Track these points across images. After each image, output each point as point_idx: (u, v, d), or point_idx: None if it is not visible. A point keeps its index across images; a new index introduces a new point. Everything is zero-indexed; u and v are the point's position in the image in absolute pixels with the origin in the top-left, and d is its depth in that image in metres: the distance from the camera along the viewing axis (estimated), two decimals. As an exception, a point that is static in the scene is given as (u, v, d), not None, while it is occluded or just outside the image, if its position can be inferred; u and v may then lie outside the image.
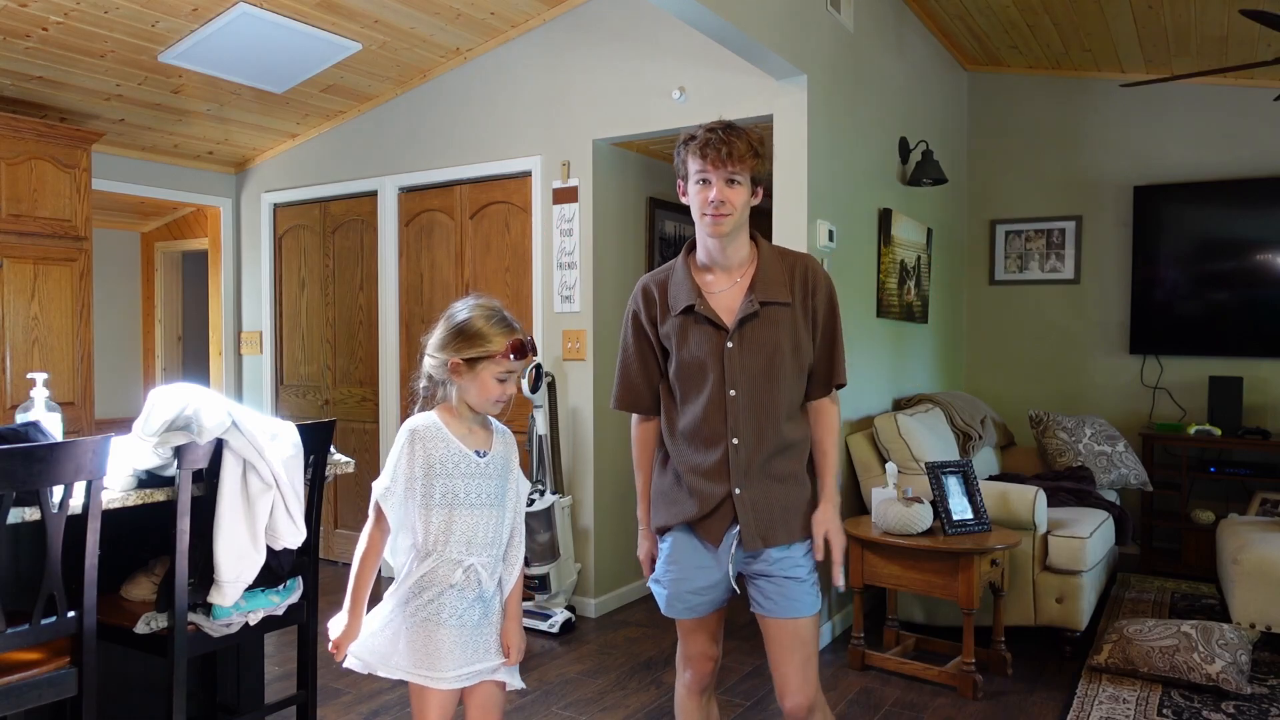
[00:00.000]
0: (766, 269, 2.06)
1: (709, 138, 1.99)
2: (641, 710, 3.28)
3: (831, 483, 2.11)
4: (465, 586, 1.98)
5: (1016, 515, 3.76)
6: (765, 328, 2.02)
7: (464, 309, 2.01)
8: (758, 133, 2.04)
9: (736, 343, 2.02)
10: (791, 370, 2.04)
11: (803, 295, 2.06)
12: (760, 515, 2.03)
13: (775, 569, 2.04)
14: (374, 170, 5.14)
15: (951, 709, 3.27)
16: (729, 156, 1.96)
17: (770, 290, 2.03)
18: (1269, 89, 4.95)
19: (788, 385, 2.04)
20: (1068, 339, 5.65)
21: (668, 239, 4.90)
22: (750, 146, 1.99)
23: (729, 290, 2.06)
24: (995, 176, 5.85)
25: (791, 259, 2.10)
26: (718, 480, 2.04)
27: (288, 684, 3.38)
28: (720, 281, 2.07)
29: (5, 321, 4.27)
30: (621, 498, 4.58)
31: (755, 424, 2.02)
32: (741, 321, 2.02)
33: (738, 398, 2.01)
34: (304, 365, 5.58)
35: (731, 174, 1.98)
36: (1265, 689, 3.36)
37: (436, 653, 1.96)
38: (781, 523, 2.04)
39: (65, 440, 1.97)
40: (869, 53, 4.37)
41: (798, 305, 2.05)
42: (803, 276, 2.07)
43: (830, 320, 2.09)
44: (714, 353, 2.03)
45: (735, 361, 2.01)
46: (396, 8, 4.09)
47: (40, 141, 4.35)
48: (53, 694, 1.97)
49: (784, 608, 2.04)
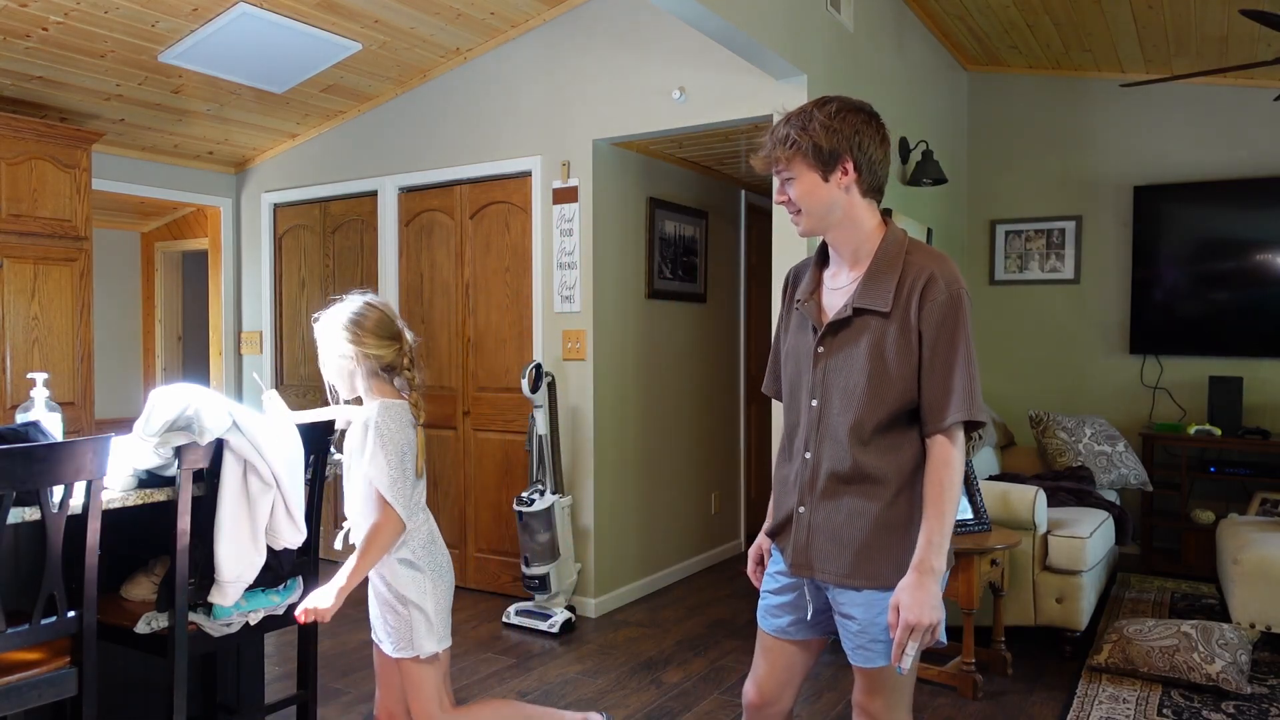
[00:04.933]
0: (878, 268, 1.79)
1: (763, 143, 1.82)
2: (641, 710, 3.28)
3: (927, 546, 1.71)
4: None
5: (1016, 515, 3.76)
6: (854, 337, 1.78)
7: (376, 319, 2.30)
8: (804, 110, 1.78)
9: (825, 348, 1.81)
10: (870, 390, 1.75)
11: (905, 305, 1.74)
12: (815, 541, 1.82)
13: (844, 608, 1.82)
14: (374, 170, 5.14)
15: (951, 709, 3.27)
16: (768, 159, 1.80)
17: (870, 295, 1.77)
18: (1269, 89, 4.95)
19: (869, 406, 1.75)
20: (1068, 339, 5.65)
21: (668, 239, 4.90)
22: (786, 138, 1.76)
23: (842, 289, 1.83)
24: (995, 176, 5.85)
25: (915, 260, 1.78)
26: (791, 495, 1.88)
27: (288, 684, 3.38)
28: (839, 278, 1.85)
29: (5, 321, 4.27)
30: (621, 497, 4.58)
31: (828, 442, 1.80)
32: (833, 327, 1.80)
33: (818, 409, 1.82)
34: (304, 365, 5.58)
35: (780, 172, 1.80)
36: (1265, 689, 3.36)
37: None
38: (835, 557, 1.80)
39: (65, 440, 1.97)
40: (869, 53, 4.37)
41: (897, 317, 1.74)
42: (913, 284, 1.74)
43: (942, 342, 1.73)
44: (807, 356, 1.85)
45: (821, 369, 1.81)
46: (396, 8, 4.09)
47: (40, 141, 4.35)
48: (53, 694, 1.97)
49: (854, 653, 1.82)
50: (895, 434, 1.78)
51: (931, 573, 1.70)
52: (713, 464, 5.43)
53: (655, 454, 4.85)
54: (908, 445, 1.78)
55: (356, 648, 3.89)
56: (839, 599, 1.82)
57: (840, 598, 1.82)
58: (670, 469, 4.98)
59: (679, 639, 4.05)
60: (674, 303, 5.00)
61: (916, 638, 1.68)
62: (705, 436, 5.33)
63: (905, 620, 1.68)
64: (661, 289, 4.86)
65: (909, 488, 1.78)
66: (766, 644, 1.96)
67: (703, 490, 5.32)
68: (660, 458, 4.89)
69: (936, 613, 1.69)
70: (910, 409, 1.77)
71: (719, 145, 4.62)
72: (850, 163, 1.76)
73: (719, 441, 5.50)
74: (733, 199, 5.64)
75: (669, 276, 4.94)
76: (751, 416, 5.86)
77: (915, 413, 1.78)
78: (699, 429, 5.26)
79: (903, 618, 1.68)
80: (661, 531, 4.91)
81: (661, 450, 4.90)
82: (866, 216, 1.82)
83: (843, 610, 1.82)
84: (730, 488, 5.65)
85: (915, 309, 1.73)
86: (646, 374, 4.76)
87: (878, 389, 1.75)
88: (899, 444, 1.78)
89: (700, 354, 5.28)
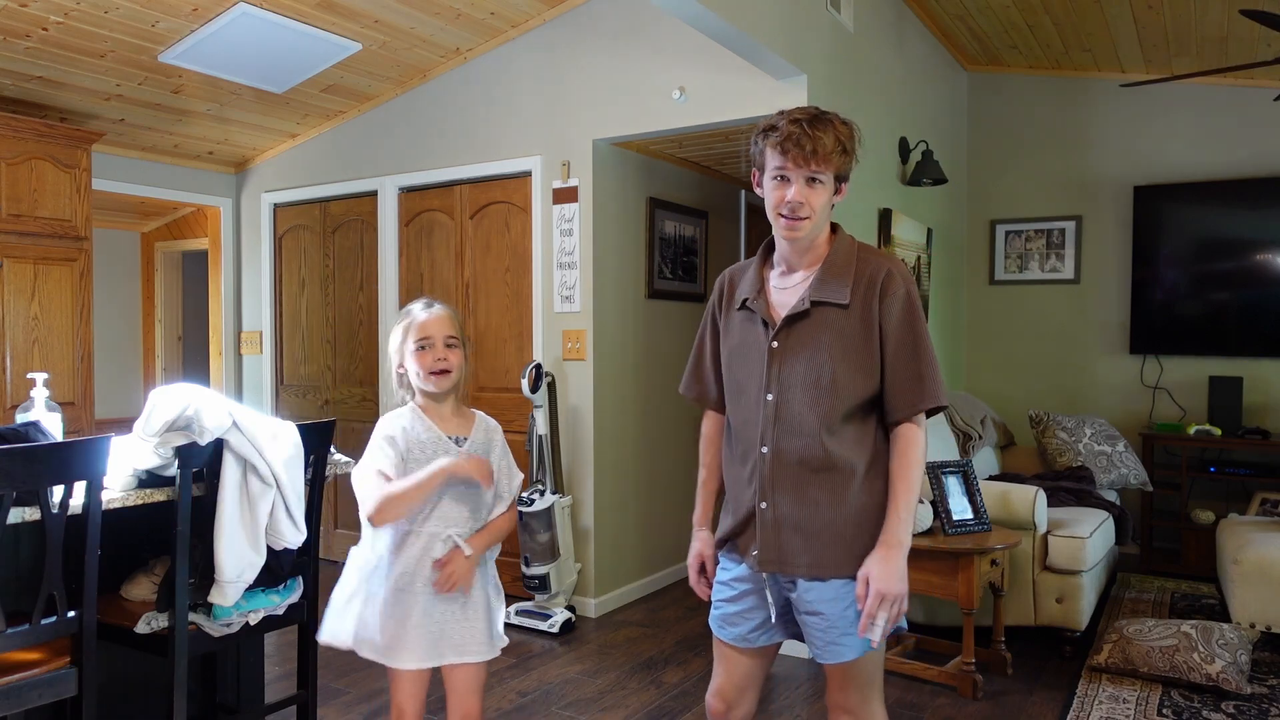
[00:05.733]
0: (832, 265, 1.84)
1: (791, 131, 1.75)
2: (641, 710, 3.28)
3: (896, 522, 1.78)
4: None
5: (1016, 515, 3.76)
6: (813, 330, 1.81)
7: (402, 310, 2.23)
8: (849, 124, 1.82)
9: (781, 343, 1.83)
10: (839, 380, 1.78)
11: (865, 299, 1.80)
12: (782, 534, 1.83)
13: (812, 605, 1.82)
14: (374, 170, 5.14)
15: (951, 709, 3.27)
16: (813, 155, 1.75)
17: (827, 289, 1.81)
18: (1269, 89, 4.95)
19: (834, 396, 1.78)
20: (1068, 339, 5.65)
21: (668, 239, 4.90)
22: (839, 142, 1.77)
23: (793, 288, 1.87)
24: (995, 176, 5.85)
25: (869, 259, 1.85)
26: (749, 493, 1.87)
27: (288, 684, 3.38)
28: (788, 278, 1.89)
29: (5, 321, 4.27)
30: (621, 497, 4.58)
31: (789, 434, 1.81)
32: (789, 320, 1.83)
33: (774, 403, 1.82)
34: (304, 365, 5.58)
35: (814, 173, 1.77)
36: (1265, 689, 3.36)
37: (402, 632, 2.08)
38: (805, 550, 1.81)
39: (65, 440, 1.97)
40: (869, 53, 4.37)
41: (856, 309, 1.80)
42: (870, 279, 1.81)
43: (904, 332, 1.80)
44: (759, 352, 1.86)
45: (777, 363, 1.83)
46: (396, 8, 4.09)
47: (40, 141, 4.35)
48: (53, 694, 1.97)
49: (824, 651, 1.82)
50: (857, 423, 1.83)
51: (900, 546, 1.78)
52: (713, 464, 5.41)
53: (655, 454, 4.85)
54: (867, 434, 1.83)
55: (356, 648, 3.88)
56: (805, 597, 1.83)
57: (808, 595, 1.83)
58: (670, 469, 4.98)
59: (679, 639, 4.05)
60: (674, 303, 5.00)
61: (885, 608, 1.74)
62: (705, 436, 5.32)
63: (875, 590, 1.74)
64: (661, 289, 4.86)
65: (869, 476, 1.83)
66: (724, 652, 1.97)
67: (703, 490, 5.31)
68: (660, 458, 4.89)
69: (904, 584, 1.77)
70: (870, 399, 1.82)
71: (719, 145, 4.62)
72: (845, 184, 1.86)
73: (719, 441, 5.49)
74: (733, 199, 5.64)
75: (669, 276, 4.94)
76: (751, 416, 5.84)
77: (873, 403, 1.83)
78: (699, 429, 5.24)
79: (873, 588, 1.75)
80: (661, 531, 4.91)
81: (661, 450, 4.90)
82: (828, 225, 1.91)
83: (810, 608, 1.83)
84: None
85: (876, 303, 1.80)
86: (646, 374, 4.76)
87: (846, 378, 1.79)
88: (860, 433, 1.83)
89: (700, 354, 5.27)
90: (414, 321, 2.14)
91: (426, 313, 2.15)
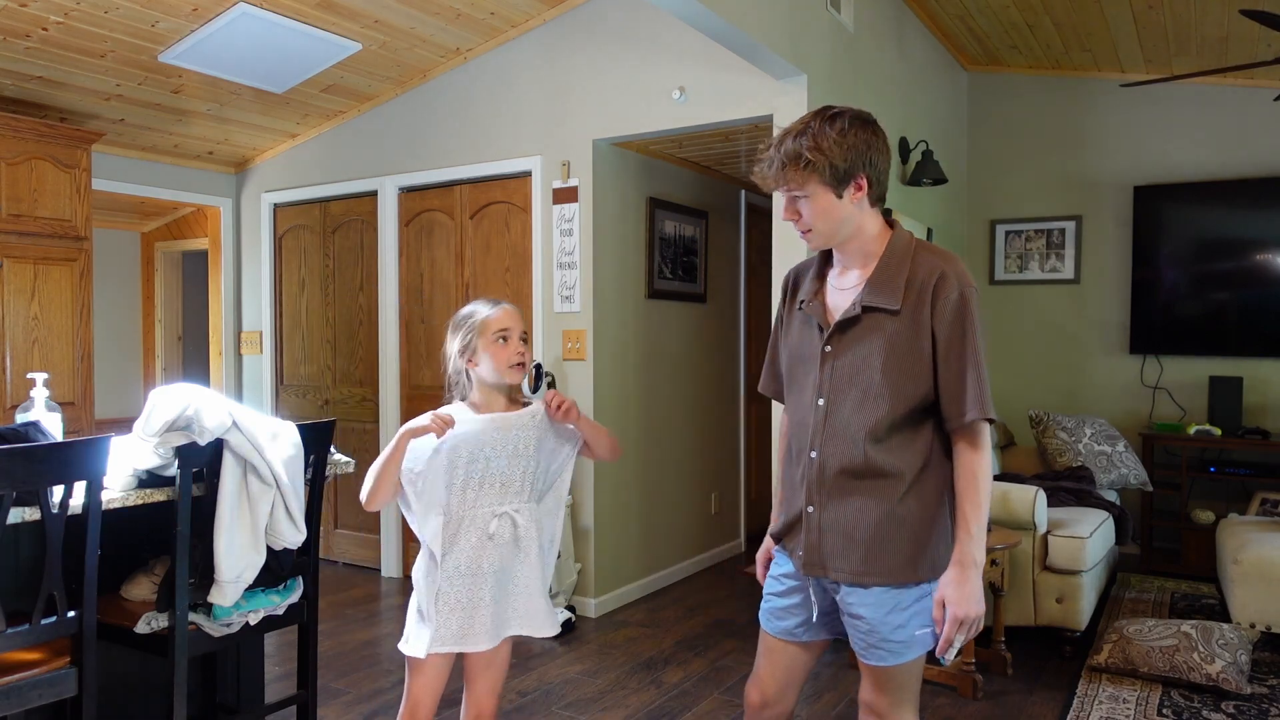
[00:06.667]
0: (885, 267, 1.79)
1: (758, 158, 1.79)
2: (641, 710, 3.28)
3: (968, 540, 1.74)
4: (499, 535, 2.11)
5: (1016, 515, 3.76)
6: (864, 335, 1.78)
7: (459, 313, 2.20)
8: (819, 130, 1.74)
9: (834, 347, 1.81)
10: (886, 387, 1.75)
11: (917, 303, 1.75)
12: (826, 539, 1.82)
13: (854, 608, 1.81)
14: (374, 170, 5.14)
15: (951, 709, 3.27)
16: (771, 179, 1.77)
17: (879, 294, 1.77)
18: (1269, 89, 4.95)
19: (881, 404, 1.75)
20: (1068, 339, 5.65)
21: (668, 239, 4.90)
22: (797, 155, 1.73)
23: (849, 289, 1.83)
24: (995, 176, 5.85)
25: (924, 260, 1.79)
26: (799, 495, 1.87)
27: (288, 684, 3.38)
28: (845, 277, 1.85)
29: (5, 321, 4.27)
30: (621, 498, 4.58)
31: (834, 440, 1.80)
32: (841, 326, 1.80)
33: (825, 408, 1.81)
34: (304, 365, 5.58)
35: (790, 191, 1.78)
36: (1265, 689, 3.36)
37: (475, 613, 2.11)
38: (847, 556, 1.79)
39: (65, 440, 1.97)
40: (869, 53, 4.37)
41: (908, 314, 1.75)
42: (923, 283, 1.75)
43: (954, 340, 1.73)
44: (813, 355, 1.84)
45: (828, 368, 1.81)
46: (396, 8, 4.09)
47: (40, 141, 4.35)
48: (53, 694, 1.97)
49: (866, 652, 1.82)
50: (908, 431, 1.78)
51: (974, 566, 1.73)
52: (713, 464, 5.43)
53: (655, 454, 4.85)
54: (919, 441, 1.79)
55: (356, 648, 3.89)
56: (848, 599, 1.82)
57: (849, 598, 1.81)
58: (670, 469, 4.98)
59: (679, 639, 4.05)
60: (674, 303, 5.00)
61: (964, 631, 1.72)
62: (705, 436, 5.33)
63: (953, 615, 1.71)
64: (661, 289, 4.86)
65: (919, 484, 1.79)
66: (770, 645, 1.96)
67: (703, 490, 5.32)
68: (660, 458, 4.89)
69: (981, 605, 1.73)
70: (924, 405, 1.77)
71: (719, 145, 4.62)
72: (864, 178, 1.76)
73: (719, 441, 5.50)
74: (733, 199, 5.64)
75: (669, 276, 4.94)
76: (752, 417, 5.86)
77: (927, 409, 1.78)
78: (699, 429, 5.26)
79: (950, 612, 1.72)
80: (661, 531, 4.91)
81: (661, 450, 4.90)
82: (873, 223, 1.83)
83: (851, 611, 1.82)
84: (730, 488, 5.65)
85: (928, 307, 1.74)
86: (646, 374, 4.76)
87: (894, 386, 1.75)
88: (911, 440, 1.78)
89: (700, 354, 5.28)
90: (490, 316, 2.13)
91: (499, 308, 2.15)
